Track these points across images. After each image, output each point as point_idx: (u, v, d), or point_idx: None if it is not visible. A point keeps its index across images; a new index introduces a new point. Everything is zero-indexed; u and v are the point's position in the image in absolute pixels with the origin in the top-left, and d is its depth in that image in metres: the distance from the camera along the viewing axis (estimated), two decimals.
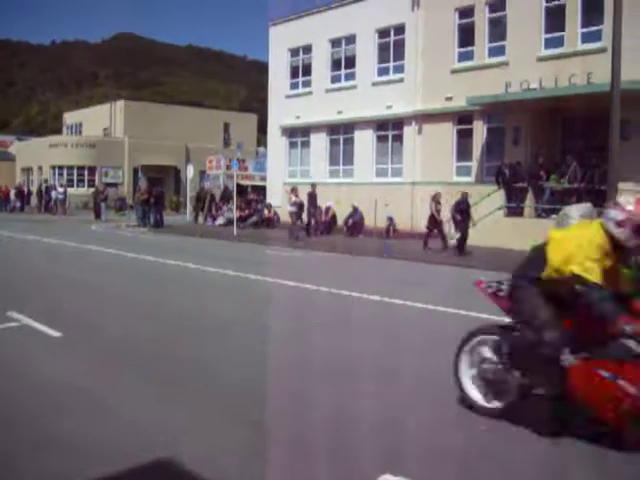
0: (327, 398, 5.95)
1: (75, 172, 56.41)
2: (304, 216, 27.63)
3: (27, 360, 7.11)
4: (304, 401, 5.90)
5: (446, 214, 21.53)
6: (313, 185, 27.83)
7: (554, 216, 18.56)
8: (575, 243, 5.00)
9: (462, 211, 20.55)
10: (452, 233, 21.40)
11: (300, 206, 27.02)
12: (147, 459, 4.53)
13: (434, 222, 21.62)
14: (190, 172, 32.60)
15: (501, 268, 16.22)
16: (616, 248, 4.96)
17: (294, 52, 34.48)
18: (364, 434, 5.17)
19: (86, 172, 56.49)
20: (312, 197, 27.19)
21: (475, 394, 5.67)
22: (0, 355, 7.32)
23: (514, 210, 23.21)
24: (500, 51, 25.41)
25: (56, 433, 5.01)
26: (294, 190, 27.14)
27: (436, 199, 21.79)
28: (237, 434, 5.02)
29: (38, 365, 6.92)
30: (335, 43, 32.36)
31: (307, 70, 33.73)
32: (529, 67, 23.84)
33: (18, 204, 48.62)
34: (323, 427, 5.26)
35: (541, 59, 23.89)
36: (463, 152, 26.90)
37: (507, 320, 5.73)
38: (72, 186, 53.71)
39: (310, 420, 5.43)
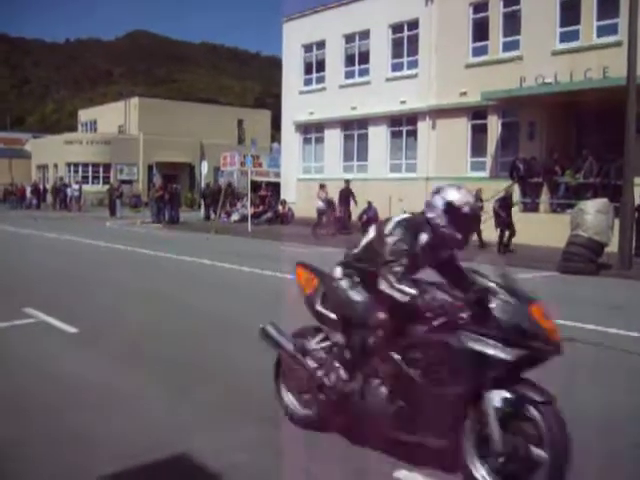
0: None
1: (90, 169, 56.72)
2: (334, 212, 27.01)
3: (43, 356, 7.16)
4: None
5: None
6: (347, 181, 27.65)
7: (570, 211, 18.50)
8: None
9: (506, 207, 20.11)
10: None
11: (329, 203, 26.77)
12: (160, 455, 4.57)
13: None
14: (204, 168, 32.66)
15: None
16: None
17: (308, 48, 34.45)
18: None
19: (101, 169, 56.80)
20: (343, 194, 26.98)
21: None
22: (16, 351, 7.38)
23: (529, 205, 23.10)
24: (515, 45, 25.26)
25: (71, 428, 5.05)
26: (323, 187, 27.08)
27: (478, 196, 20.41)
28: (250, 431, 5.03)
29: (54, 361, 6.97)
30: (349, 39, 32.30)
31: (321, 66, 33.70)
32: (544, 61, 23.67)
33: (34, 201, 49.03)
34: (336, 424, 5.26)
35: (556, 53, 23.73)
36: (478, 147, 26.78)
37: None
38: (87, 183, 54.06)
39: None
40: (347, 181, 27.64)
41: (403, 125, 29.93)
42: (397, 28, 29.97)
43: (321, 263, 5.54)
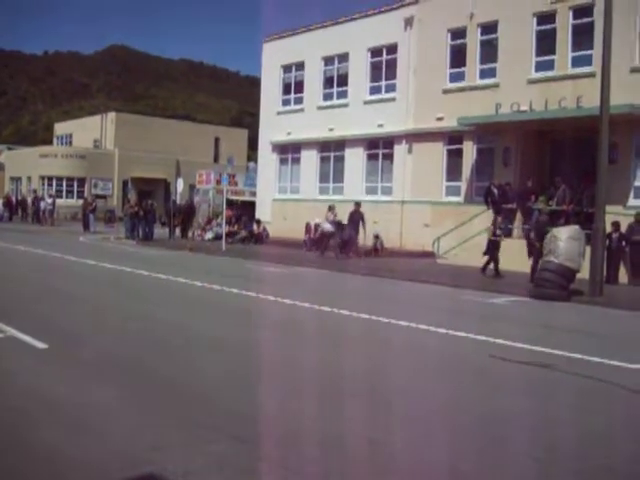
0: (318, 413, 5.93)
1: (64, 183, 56.31)
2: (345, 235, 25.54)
3: (9, 371, 7.05)
4: (292, 416, 5.88)
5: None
6: (357, 204, 25.97)
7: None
8: None
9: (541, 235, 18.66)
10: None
11: (339, 225, 25.85)
12: (130, 475, 4.49)
13: (495, 247, 19.62)
14: (180, 186, 32.57)
15: None
16: None
17: (287, 69, 34.63)
18: (353, 455, 5.15)
19: (75, 183, 56.40)
20: (354, 217, 25.43)
21: None
22: None
23: (503, 230, 23.27)
24: (491, 73, 25.62)
25: (37, 446, 4.95)
26: (332, 208, 26.37)
27: (496, 223, 20.04)
28: (222, 449, 4.99)
29: (21, 376, 6.86)
30: (328, 61, 32.54)
31: (299, 87, 33.86)
32: (520, 89, 24.04)
33: (6, 214, 48.46)
34: (312, 447, 5.24)
35: (532, 82, 24.10)
36: (453, 172, 27.03)
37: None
38: (61, 197, 53.58)
39: (298, 438, 5.40)
40: (357, 204, 26.07)
41: (380, 148, 30.12)
42: (376, 52, 30.26)
43: (295, 282, 5.54)
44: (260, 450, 5.03)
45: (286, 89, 34.77)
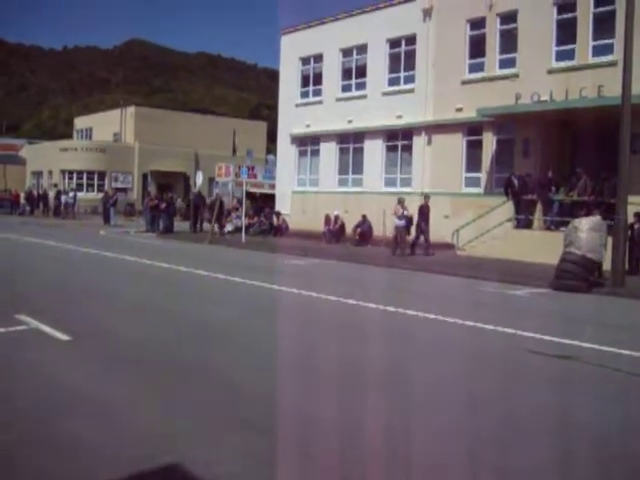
0: (333, 403, 5.95)
1: (85, 177, 56.67)
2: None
3: (34, 363, 7.12)
4: (312, 406, 5.90)
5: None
6: (426, 196, 24.45)
7: (563, 229, 18.58)
8: None
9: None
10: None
11: (409, 220, 23.81)
12: (153, 464, 4.53)
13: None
14: (199, 179, 32.63)
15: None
16: None
17: (305, 61, 34.59)
18: (370, 442, 5.17)
19: (96, 177, 56.73)
20: (424, 210, 23.71)
21: None
22: (7, 358, 7.34)
23: (523, 222, 23.18)
24: (511, 63, 25.43)
25: (61, 436, 5.01)
26: (401, 202, 23.69)
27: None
28: (246, 440, 5.02)
29: (45, 368, 6.94)
30: (346, 52, 32.45)
31: (318, 79, 33.82)
32: (540, 79, 23.83)
33: (27, 208, 48.94)
34: (330, 433, 5.26)
35: (552, 71, 23.89)
36: (472, 163, 26.89)
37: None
38: (82, 191, 53.94)
39: (319, 428, 5.43)
40: (427, 196, 24.52)
41: (399, 139, 30.03)
42: (395, 43, 30.14)
43: (316, 274, 5.55)
44: (281, 439, 5.06)
45: (304, 81, 34.74)
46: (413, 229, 24.02)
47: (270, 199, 36.83)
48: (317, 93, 33.79)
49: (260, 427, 5.29)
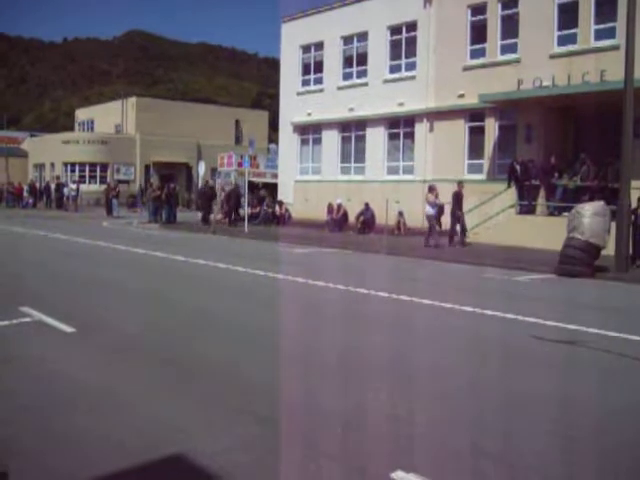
0: (341, 394, 5.95)
1: (87, 169, 56.69)
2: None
3: (39, 355, 7.13)
4: (318, 397, 5.90)
5: None
6: (460, 184, 22.55)
7: (566, 214, 18.53)
8: None
9: None
10: None
11: (441, 208, 22.77)
12: (159, 455, 4.54)
13: None
14: (202, 169, 32.59)
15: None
16: None
17: (306, 49, 34.47)
18: (377, 430, 5.16)
19: (98, 169, 56.75)
20: (458, 198, 22.15)
21: None
22: (12, 350, 7.34)
23: (526, 208, 23.14)
24: (512, 48, 25.32)
25: (66, 427, 5.02)
26: (432, 189, 22.15)
27: None
28: (251, 430, 5.02)
29: (50, 360, 6.94)
30: (347, 40, 32.33)
31: (319, 67, 33.72)
32: (542, 64, 23.73)
33: (30, 201, 48.96)
34: (336, 423, 5.26)
35: (554, 56, 23.78)
36: (475, 150, 26.84)
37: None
38: (84, 183, 53.95)
39: (323, 416, 5.43)
40: (460, 183, 22.73)
41: (401, 127, 29.96)
42: (395, 30, 30.01)
43: (322, 262, 5.53)
44: (287, 431, 5.06)
45: (305, 69, 34.64)
46: (442, 218, 22.80)
47: (273, 188, 36.76)
48: (318, 81, 33.70)
49: (265, 417, 5.29)
